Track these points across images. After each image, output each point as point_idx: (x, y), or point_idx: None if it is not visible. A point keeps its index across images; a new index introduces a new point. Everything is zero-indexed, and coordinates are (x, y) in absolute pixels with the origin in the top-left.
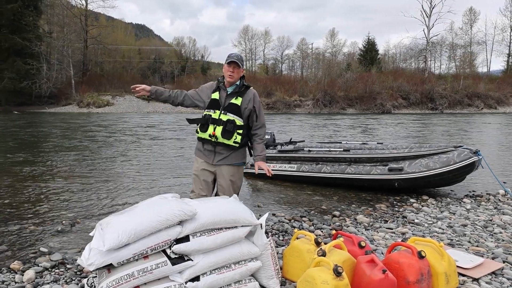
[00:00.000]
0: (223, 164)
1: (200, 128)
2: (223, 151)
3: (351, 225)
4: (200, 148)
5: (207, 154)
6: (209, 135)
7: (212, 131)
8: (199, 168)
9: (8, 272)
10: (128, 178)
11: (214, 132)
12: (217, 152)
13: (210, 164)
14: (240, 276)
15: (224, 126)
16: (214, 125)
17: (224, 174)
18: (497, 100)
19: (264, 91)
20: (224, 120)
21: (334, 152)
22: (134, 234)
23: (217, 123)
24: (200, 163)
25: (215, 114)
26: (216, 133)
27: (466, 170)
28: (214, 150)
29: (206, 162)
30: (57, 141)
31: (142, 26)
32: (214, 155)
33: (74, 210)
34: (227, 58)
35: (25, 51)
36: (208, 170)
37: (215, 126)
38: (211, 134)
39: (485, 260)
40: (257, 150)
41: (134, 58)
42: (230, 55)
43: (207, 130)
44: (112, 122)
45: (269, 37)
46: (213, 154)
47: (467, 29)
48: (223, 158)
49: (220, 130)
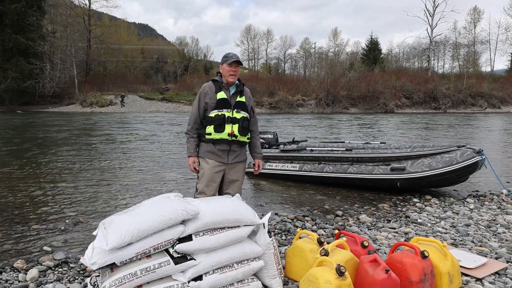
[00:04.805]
0: (236, 161)
1: (215, 129)
2: (237, 149)
3: (354, 225)
4: (211, 149)
5: (220, 154)
6: (228, 134)
7: (231, 129)
8: (211, 169)
9: (12, 271)
10: (131, 177)
11: (232, 130)
12: (232, 151)
13: (223, 164)
14: (243, 275)
15: (241, 124)
16: (231, 124)
17: (235, 172)
18: (500, 100)
19: (267, 90)
20: (239, 118)
21: (337, 151)
22: (137, 234)
23: (233, 122)
24: (211, 164)
25: (229, 113)
26: (234, 131)
27: (469, 170)
28: (229, 149)
29: (220, 162)
30: (60, 140)
31: (145, 25)
32: (229, 154)
33: (77, 209)
34: (225, 59)
35: (29, 50)
36: (219, 171)
37: (232, 125)
38: (230, 133)
39: (488, 260)
40: (258, 147)
41: (137, 58)
42: (228, 55)
43: (225, 130)
44: (115, 122)
45: (271, 36)
46: (227, 153)
47: (471, 28)
48: (236, 156)
49: (237, 128)
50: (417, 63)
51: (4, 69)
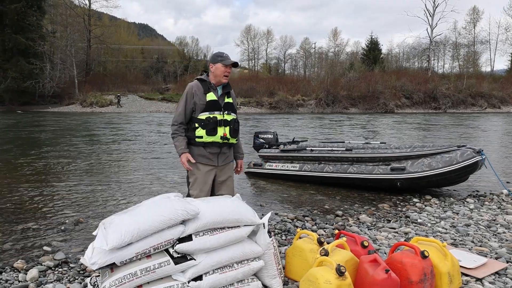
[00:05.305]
0: (226, 163)
1: (207, 133)
2: (226, 151)
3: (354, 225)
4: (202, 153)
5: (211, 157)
6: (221, 137)
7: (223, 132)
8: (204, 174)
9: (12, 271)
10: (131, 177)
11: (224, 133)
12: (222, 153)
13: (214, 167)
14: (243, 275)
15: (232, 126)
16: (223, 126)
17: (225, 172)
18: (500, 100)
19: (267, 90)
20: (230, 120)
21: (337, 151)
22: (137, 234)
23: (225, 124)
24: (203, 169)
25: (221, 116)
26: (226, 134)
27: (469, 169)
28: (219, 152)
29: (211, 165)
30: (60, 140)
31: (145, 25)
32: (219, 157)
33: (77, 209)
34: (221, 58)
35: (29, 50)
36: (211, 174)
37: (224, 128)
38: (223, 136)
39: (488, 260)
40: (240, 147)
41: (137, 58)
42: (223, 54)
43: (218, 133)
44: (114, 122)
45: (271, 36)
46: (217, 156)
47: (471, 28)
48: (226, 158)
49: (229, 131)
50: (417, 63)
51: (4, 69)
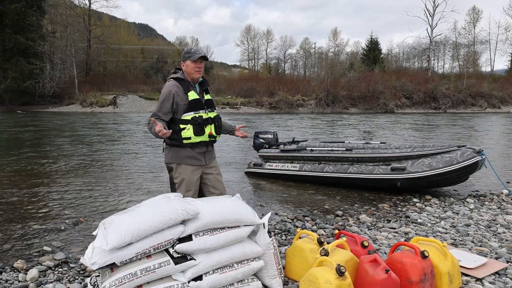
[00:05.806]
0: (212, 160)
1: (196, 133)
2: (211, 148)
3: (354, 225)
4: (189, 154)
5: (199, 157)
6: (208, 135)
7: (209, 131)
8: (190, 175)
9: (12, 271)
10: (131, 177)
11: (211, 131)
12: (208, 151)
13: (201, 167)
14: (243, 275)
15: (217, 123)
16: (208, 125)
17: (214, 170)
18: (500, 100)
19: (267, 90)
20: (214, 117)
21: (337, 151)
22: (137, 234)
23: (210, 122)
24: (189, 170)
25: (205, 114)
26: (212, 132)
27: (469, 169)
28: (206, 151)
29: (198, 165)
30: (60, 140)
31: (145, 25)
32: (206, 155)
33: (77, 209)
34: (188, 55)
35: (29, 50)
36: (197, 173)
37: (210, 126)
38: (210, 134)
39: (488, 260)
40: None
41: (137, 58)
42: (191, 50)
43: (205, 132)
44: (114, 122)
45: (271, 36)
46: (204, 155)
47: (471, 28)
48: (211, 155)
49: (214, 128)
50: (417, 63)
51: (4, 69)
